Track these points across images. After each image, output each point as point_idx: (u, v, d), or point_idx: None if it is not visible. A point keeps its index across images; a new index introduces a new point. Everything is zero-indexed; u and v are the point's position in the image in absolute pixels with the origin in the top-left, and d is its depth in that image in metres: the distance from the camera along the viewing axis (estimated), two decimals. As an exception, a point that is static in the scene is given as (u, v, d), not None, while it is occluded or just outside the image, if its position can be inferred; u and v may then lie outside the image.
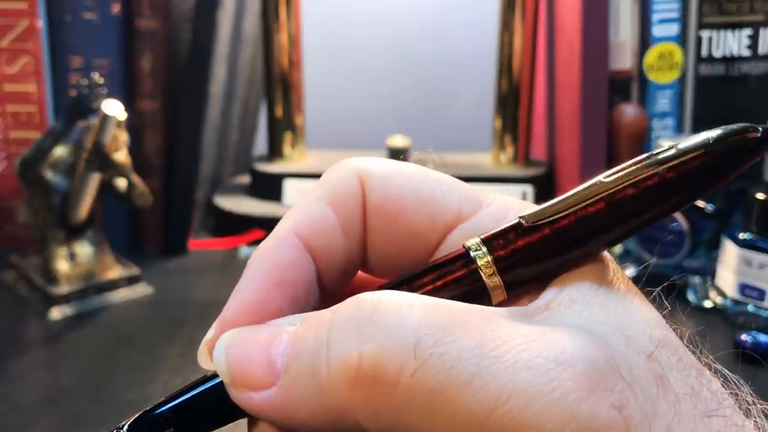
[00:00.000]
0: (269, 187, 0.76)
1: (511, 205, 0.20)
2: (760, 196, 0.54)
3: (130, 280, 0.63)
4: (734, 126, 0.18)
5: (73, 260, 0.61)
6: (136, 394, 0.47)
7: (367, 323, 0.16)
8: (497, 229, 0.19)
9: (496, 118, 0.79)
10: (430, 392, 0.15)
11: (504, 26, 0.76)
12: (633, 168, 0.18)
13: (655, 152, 0.18)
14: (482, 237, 0.19)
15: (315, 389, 0.17)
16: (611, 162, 0.68)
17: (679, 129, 0.71)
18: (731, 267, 0.55)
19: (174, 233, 0.72)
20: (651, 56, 0.70)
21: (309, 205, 0.21)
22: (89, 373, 0.50)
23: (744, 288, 0.54)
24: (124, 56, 0.69)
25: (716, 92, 0.70)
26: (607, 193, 0.18)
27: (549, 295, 0.18)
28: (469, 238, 0.19)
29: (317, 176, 0.84)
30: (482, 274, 0.18)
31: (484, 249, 0.18)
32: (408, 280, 0.19)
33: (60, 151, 0.60)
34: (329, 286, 0.21)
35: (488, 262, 0.18)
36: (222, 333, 0.19)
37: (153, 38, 0.68)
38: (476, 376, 0.15)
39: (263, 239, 0.20)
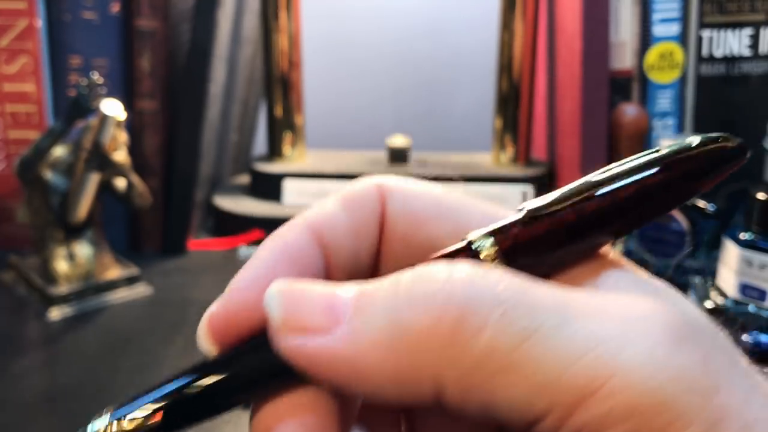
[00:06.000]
0: (269, 187, 0.76)
1: None
2: (761, 196, 0.54)
3: (130, 281, 0.62)
4: (714, 135, 0.18)
5: (72, 260, 0.61)
6: (136, 395, 0.47)
7: (448, 277, 0.16)
8: (501, 223, 0.19)
9: (496, 118, 0.79)
10: (519, 335, 0.15)
11: (504, 26, 0.76)
12: (621, 169, 0.19)
13: (639, 155, 0.19)
14: (487, 231, 0.19)
15: (392, 334, 0.16)
16: (611, 162, 0.68)
17: (679, 129, 0.71)
18: (732, 267, 0.55)
19: (173, 233, 0.71)
20: (651, 56, 0.70)
21: (323, 204, 0.21)
22: (89, 373, 0.50)
23: (745, 288, 0.54)
24: (124, 56, 0.69)
25: (717, 92, 0.70)
26: (602, 191, 0.19)
27: (584, 281, 0.18)
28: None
29: (317, 176, 0.83)
30: (487, 265, 0.18)
31: (490, 241, 0.18)
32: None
33: (59, 151, 0.60)
34: None
35: (492, 253, 0.18)
36: (229, 305, 0.18)
37: (152, 38, 0.68)
38: (564, 323, 0.15)
39: (263, 239, 0.20)
